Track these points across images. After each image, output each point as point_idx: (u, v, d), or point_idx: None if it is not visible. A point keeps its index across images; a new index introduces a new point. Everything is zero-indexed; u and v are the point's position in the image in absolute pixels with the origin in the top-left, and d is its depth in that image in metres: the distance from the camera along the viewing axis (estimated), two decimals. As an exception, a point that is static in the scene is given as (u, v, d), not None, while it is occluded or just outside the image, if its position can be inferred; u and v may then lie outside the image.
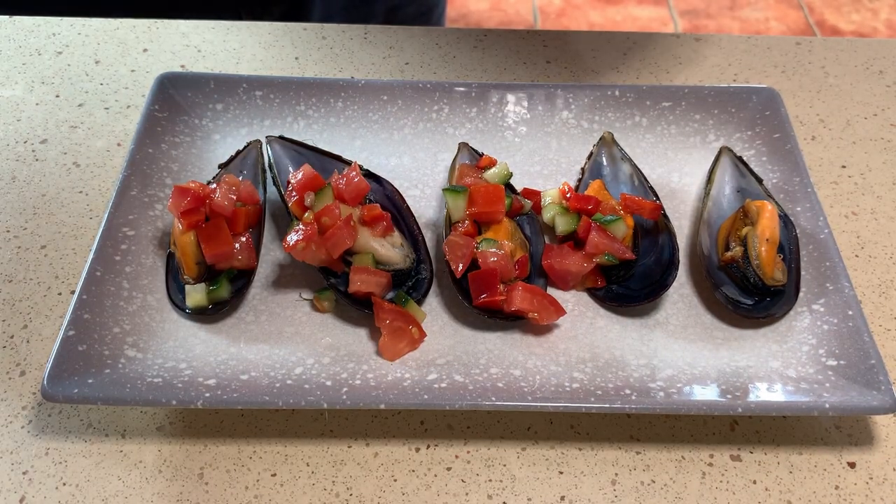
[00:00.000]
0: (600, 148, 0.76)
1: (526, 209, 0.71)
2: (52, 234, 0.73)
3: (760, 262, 0.66)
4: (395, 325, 0.62)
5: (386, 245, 0.67)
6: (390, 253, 0.67)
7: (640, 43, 0.93)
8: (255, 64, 0.90)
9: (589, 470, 0.59)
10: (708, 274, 0.67)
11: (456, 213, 0.68)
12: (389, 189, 0.73)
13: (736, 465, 0.59)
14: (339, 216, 0.64)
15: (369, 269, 0.64)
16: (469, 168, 0.72)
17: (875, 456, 0.60)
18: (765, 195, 0.71)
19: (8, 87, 0.87)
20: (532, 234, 0.70)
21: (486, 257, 0.64)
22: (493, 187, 0.68)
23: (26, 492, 0.57)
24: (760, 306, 0.65)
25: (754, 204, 0.68)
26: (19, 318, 0.67)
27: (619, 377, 0.61)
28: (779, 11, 2.62)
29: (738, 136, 0.78)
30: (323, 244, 0.64)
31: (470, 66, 0.91)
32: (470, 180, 0.70)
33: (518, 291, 0.63)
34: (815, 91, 0.88)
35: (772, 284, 0.65)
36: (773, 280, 0.66)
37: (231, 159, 0.74)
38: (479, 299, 0.63)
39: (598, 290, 0.67)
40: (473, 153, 0.75)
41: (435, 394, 0.58)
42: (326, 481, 0.58)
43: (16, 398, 0.62)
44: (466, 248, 0.65)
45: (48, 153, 0.80)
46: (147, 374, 0.59)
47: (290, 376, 0.60)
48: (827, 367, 0.61)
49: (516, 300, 0.63)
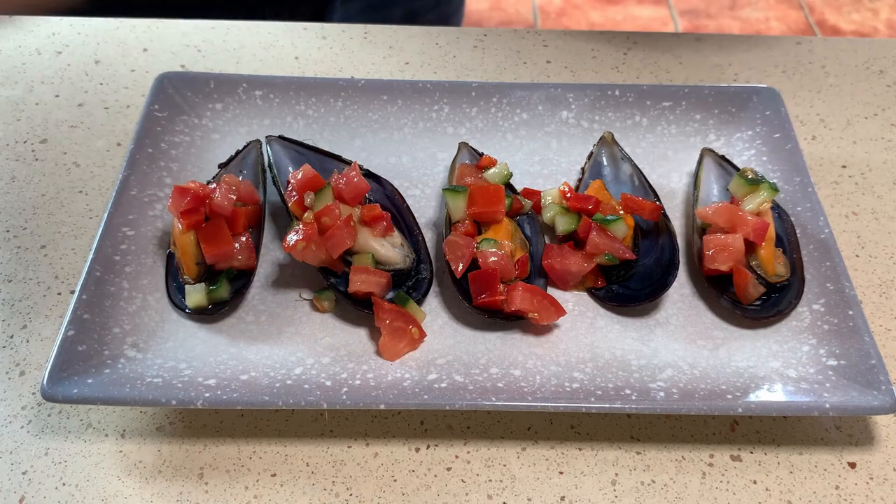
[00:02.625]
0: (600, 148, 0.76)
1: (526, 209, 0.71)
2: (52, 234, 0.73)
3: (760, 261, 0.65)
4: (395, 325, 0.62)
5: (386, 245, 0.67)
6: (390, 253, 0.67)
7: (640, 43, 0.93)
8: (255, 64, 0.90)
9: (589, 470, 0.59)
10: (709, 282, 0.67)
11: (456, 212, 0.68)
12: (389, 189, 0.73)
13: (736, 465, 0.59)
14: (339, 216, 0.64)
15: (369, 269, 0.64)
16: (469, 168, 0.72)
17: (875, 456, 0.60)
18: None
19: (8, 87, 0.87)
20: (532, 234, 0.70)
21: (486, 257, 0.64)
22: (493, 187, 0.68)
23: (26, 492, 0.57)
24: (768, 304, 0.65)
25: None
26: (19, 318, 0.67)
27: (619, 377, 0.61)
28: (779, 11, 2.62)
29: (738, 136, 0.78)
30: (323, 244, 0.64)
31: (470, 66, 0.91)
32: (470, 180, 0.70)
33: (518, 291, 0.63)
34: (816, 91, 0.88)
35: (776, 281, 0.65)
36: (777, 276, 0.65)
37: (231, 159, 0.74)
38: (478, 299, 0.63)
39: (599, 290, 0.67)
40: (473, 153, 0.75)
41: (435, 394, 0.58)
42: (326, 481, 0.58)
43: (16, 398, 0.62)
44: (466, 248, 0.65)
45: (48, 153, 0.80)
46: (147, 374, 0.59)
47: (289, 376, 0.60)
48: (827, 367, 0.61)
49: (516, 300, 0.63)
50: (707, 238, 0.66)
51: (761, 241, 0.65)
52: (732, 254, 0.64)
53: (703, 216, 0.67)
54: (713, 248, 0.65)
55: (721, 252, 0.64)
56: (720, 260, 0.64)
